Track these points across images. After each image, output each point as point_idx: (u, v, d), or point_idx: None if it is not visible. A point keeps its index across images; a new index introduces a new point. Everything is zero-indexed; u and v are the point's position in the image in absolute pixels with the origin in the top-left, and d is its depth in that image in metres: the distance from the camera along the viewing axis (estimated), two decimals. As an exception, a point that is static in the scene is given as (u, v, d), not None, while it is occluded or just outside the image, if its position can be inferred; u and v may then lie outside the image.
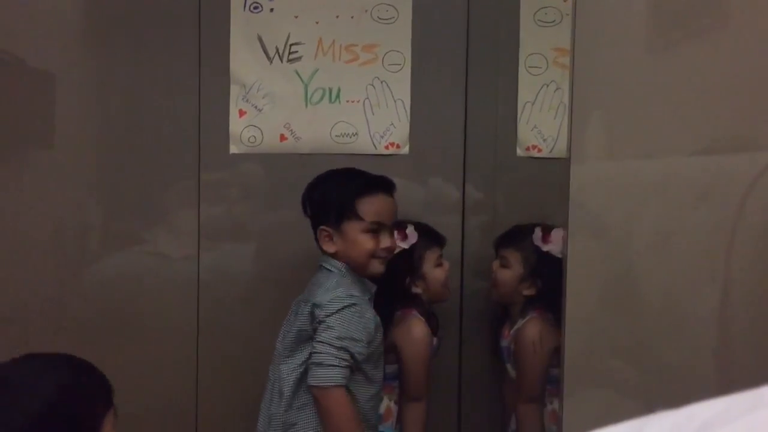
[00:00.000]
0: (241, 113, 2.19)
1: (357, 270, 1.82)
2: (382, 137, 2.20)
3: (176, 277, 2.20)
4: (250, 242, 2.25)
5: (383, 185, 1.85)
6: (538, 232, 2.03)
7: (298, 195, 2.18)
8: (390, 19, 2.19)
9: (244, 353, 2.23)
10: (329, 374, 1.69)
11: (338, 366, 1.69)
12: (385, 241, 1.82)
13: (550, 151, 2.23)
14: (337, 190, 1.83)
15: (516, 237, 2.07)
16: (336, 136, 2.20)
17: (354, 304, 1.73)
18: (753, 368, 0.98)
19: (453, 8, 2.20)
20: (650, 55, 1.09)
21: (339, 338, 1.69)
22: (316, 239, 1.85)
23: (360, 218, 1.79)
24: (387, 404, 1.99)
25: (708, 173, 1.05)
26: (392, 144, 2.21)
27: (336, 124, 2.20)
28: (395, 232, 1.93)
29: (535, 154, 2.24)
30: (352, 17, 2.18)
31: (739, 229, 1.01)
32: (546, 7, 2.19)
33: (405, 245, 2.02)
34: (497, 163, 2.26)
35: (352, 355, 1.71)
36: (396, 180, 2.13)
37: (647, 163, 1.10)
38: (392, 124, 2.21)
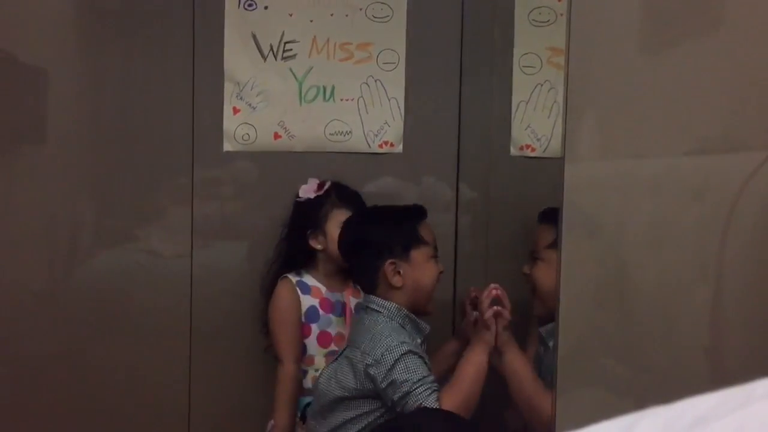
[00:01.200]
0: (235, 111, 2.18)
1: (418, 304, 1.78)
2: (376, 136, 2.21)
3: (169, 274, 2.20)
4: (243, 240, 2.24)
5: (426, 212, 1.86)
6: None
7: (292, 193, 2.18)
8: (384, 17, 2.19)
9: (237, 351, 2.22)
10: (427, 400, 1.63)
11: (424, 400, 1.63)
12: (440, 266, 1.83)
13: (544, 151, 2.23)
14: (395, 221, 1.82)
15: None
16: (330, 134, 2.20)
17: (408, 352, 1.67)
18: (745, 367, 0.99)
19: (447, 7, 2.20)
20: (644, 56, 1.09)
21: (412, 384, 1.64)
22: (371, 278, 1.79)
23: (426, 243, 1.79)
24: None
25: (701, 173, 1.05)
26: (386, 143, 2.22)
27: (330, 122, 2.20)
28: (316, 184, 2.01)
29: (528, 153, 2.25)
30: (346, 15, 2.18)
31: (731, 229, 1.02)
32: (540, 7, 2.20)
33: (312, 195, 2.05)
34: (491, 162, 2.26)
35: (431, 382, 1.66)
36: (389, 179, 2.14)
37: (641, 162, 1.10)
38: (386, 122, 2.21)
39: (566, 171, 1.08)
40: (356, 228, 1.87)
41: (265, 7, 2.17)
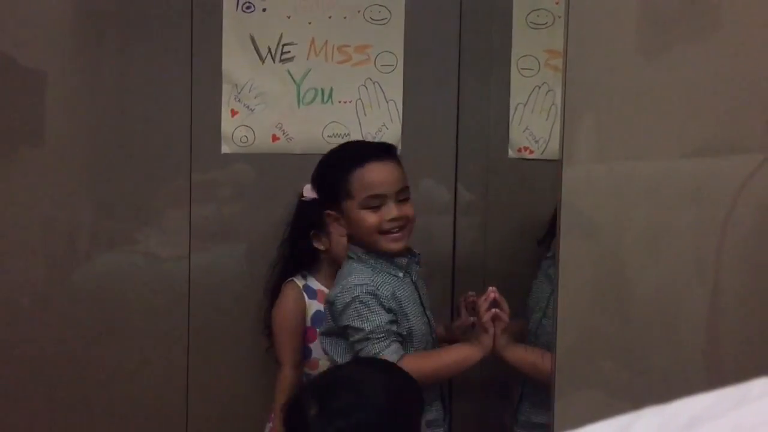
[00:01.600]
0: (233, 113, 2.18)
1: (372, 249, 1.70)
2: (374, 138, 2.21)
3: (167, 277, 2.20)
4: (241, 242, 2.24)
5: (375, 153, 1.73)
6: None
7: (290, 195, 2.18)
8: (383, 20, 2.19)
9: (235, 353, 2.22)
10: (386, 351, 1.61)
11: (382, 351, 1.61)
12: (389, 213, 1.68)
13: (542, 153, 2.23)
14: (330, 170, 1.74)
15: None
16: (328, 136, 2.20)
17: (357, 296, 1.63)
18: (742, 369, 0.99)
19: (445, 10, 2.21)
20: (642, 58, 1.10)
21: (371, 331, 1.61)
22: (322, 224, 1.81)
23: (352, 196, 1.68)
24: None
25: (698, 175, 1.05)
26: (384, 145, 2.22)
27: (328, 124, 2.20)
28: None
29: (526, 155, 2.25)
30: (344, 18, 2.18)
31: (728, 232, 1.02)
32: (538, 9, 2.20)
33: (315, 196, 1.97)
34: (489, 164, 2.26)
35: (389, 332, 1.63)
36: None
37: (638, 165, 1.10)
38: (384, 124, 2.21)
39: (564, 173, 1.09)
40: (315, 171, 1.81)
41: (264, 10, 2.17)
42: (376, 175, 1.69)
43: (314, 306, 2.04)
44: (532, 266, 2.17)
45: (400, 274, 1.72)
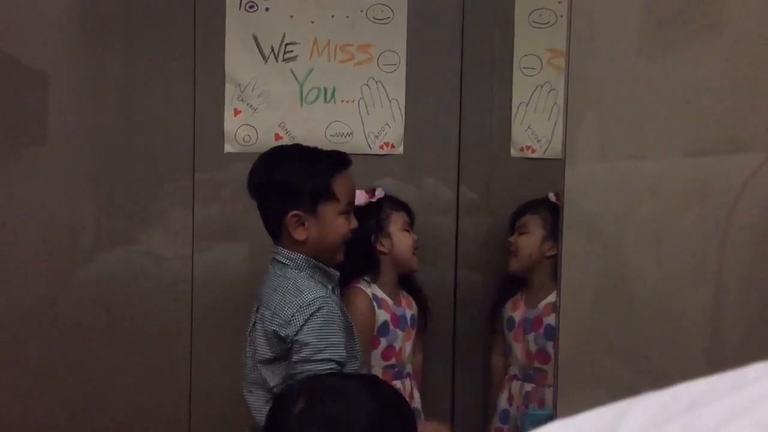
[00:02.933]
0: (236, 112, 2.19)
1: (323, 258, 1.66)
2: (376, 137, 2.21)
3: (170, 276, 2.20)
4: (244, 242, 2.25)
5: (348, 162, 1.71)
6: (551, 195, 2.05)
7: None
8: (385, 19, 2.19)
9: (239, 353, 2.23)
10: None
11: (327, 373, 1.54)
12: (353, 222, 1.70)
13: (544, 152, 2.23)
14: (308, 170, 1.66)
15: (531, 204, 2.11)
16: (331, 135, 2.20)
17: (320, 309, 1.57)
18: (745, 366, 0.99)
19: (448, 9, 2.21)
20: (644, 57, 1.10)
21: (318, 351, 1.55)
22: (276, 225, 1.67)
23: (336, 198, 1.65)
24: None
25: (700, 174, 1.06)
26: (387, 144, 2.22)
27: (331, 123, 2.20)
28: (365, 192, 1.93)
29: (529, 154, 2.25)
30: (347, 17, 2.19)
31: (730, 230, 1.02)
32: (541, 9, 2.20)
33: (373, 199, 2.02)
34: (491, 163, 2.26)
35: (336, 362, 1.57)
36: (390, 180, 2.14)
37: (641, 164, 1.10)
38: (387, 124, 2.21)
39: (566, 172, 1.09)
40: (267, 165, 1.70)
41: (266, 9, 2.18)
42: (352, 184, 1.71)
43: (382, 316, 2.02)
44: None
45: (330, 287, 1.68)
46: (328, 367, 1.56)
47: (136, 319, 2.19)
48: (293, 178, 1.65)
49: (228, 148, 2.19)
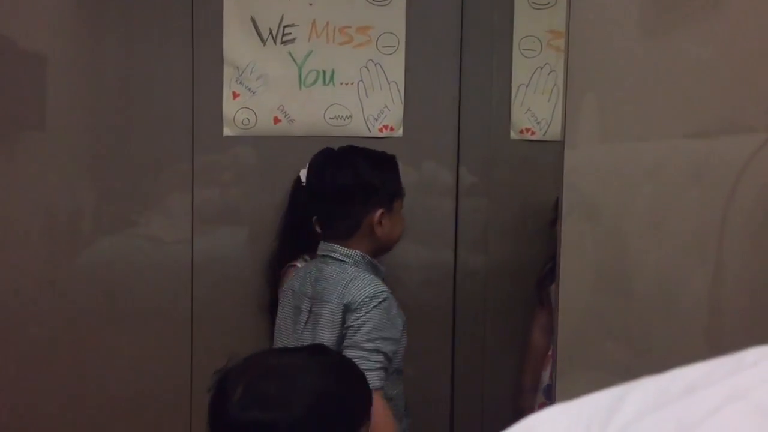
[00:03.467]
0: (235, 95, 2.18)
1: (381, 252, 1.76)
2: (376, 120, 2.20)
3: (170, 260, 2.20)
4: (244, 225, 2.25)
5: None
6: None
7: (292, 177, 2.18)
8: (384, 1, 2.18)
9: (239, 337, 2.23)
10: (370, 381, 1.51)
11: (372, 370, 1.55)
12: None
13: (544, 134, 2.23)
14: (382, 168, 1.75)
15: None
16: (330, 118, 2.20)
17: (384, 300, 1.62)
18: (743, 348, 0.99)
19: (447, -10, 2.19)
20: (644, 39, 1.09)
21: (370, 339, 1.58)
22: (349, 226, 1.71)
23: (401, 195, 1.77)
24: None
25: (700, 156, 1.05)
26: (386, 126, 2.21)
27: (330, 106, 2.19)
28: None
29: (528, 137, 2.24)
30: (346, -1, 2.17)
31: (730, 211, 1.02)
32: (540, -10, 2.19)
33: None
34: (491, 146, 2.26)
35: (385, 355, 1.60)
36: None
37: (641, 145, 1.10)
38: (386, 106, 2.21)
39: (566, 154, 1.09)
40: (347, 169, 1.73)
41: (264, -9, 2.16)
42: None
43: None
44: (535, 247, 2.17)
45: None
46: (377, 358, 1.58)
47: (137, 303, 2.19)
48: (380, 178, 1.73)
49: (227, 131, 2.19)
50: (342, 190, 1.72)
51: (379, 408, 1.46)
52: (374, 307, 1.61)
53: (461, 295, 2.26)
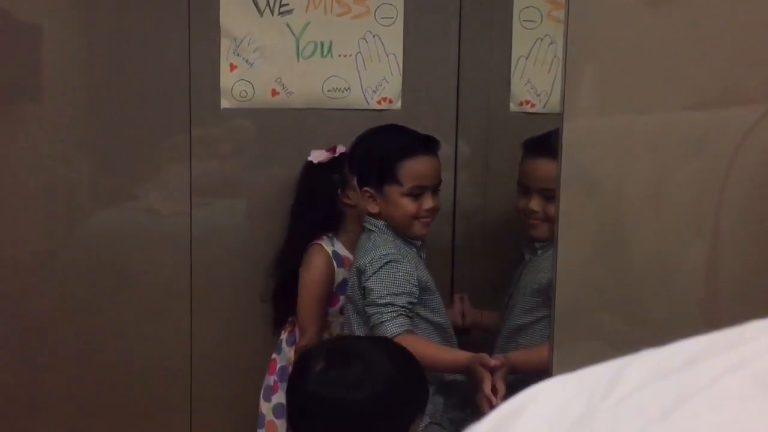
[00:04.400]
0: (232, 67, 2.16)
1: (399, 231, 1.85)
2: (374, 92, 2.19)
3: (168, 232, 2.20)
4: (242, 198, 2.25)
5: (425, 146, 1.86)
6: None
7: (290, 150, 2.18)
8: (382, -29, 2.16)
9: (238, 309, 2.24)
10: (386, 330, 1.71)
11: (388, 321, 1.71)
12: (427, 203, 1.84)
13: (544, 107, 2.22)
14: (378, 152, 1.85)
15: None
16: (328, 90, 2.19)
17: (388, 262, 1.76)
18: (739, 320, 1.00)
19: (446, -40, 2.17)
20: (644, 9, 1.08)
21: (380, 297, 1.73)
22: (357, 197, 1.90)
23: (400, 183, 1.82)
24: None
25: (700, 127, 1.05)
26: (384, 99, 2.20)
27: (328, 78, 2.18)
28: (325, 151, 2.06)
29: (528, 109, 2.24)
30: (343, -31, 2.15)
31: (729, 184, 1.02)
32: (541, -40, 2.16)
33: (335, 154, 2.06)
34: (490, 118, 2.25)
35: (400, 306, 1.73)
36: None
37: (640, 117, 1.10)
38: (384, 78, 2.19)
39: (565, 126, 1.08)
40: (355, 144, 1.92)
41: (261, -39, 2.14)
42: (424, 167, 1.83)
43: (342, 273, 2.03)
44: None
45: (414, 250, 1.86)
46: (389, 310, 1.72)
47: (135, 275, 2.20)
48: (367, 158, 1.86)
49: (224, 103, 2.17)
50: (348, 161, 1.95)
51: (407, 345, 1.55)
52: (379, 268, 1.75)
53: (459, 268, 2.27)
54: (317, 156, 2.07)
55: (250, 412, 2.17)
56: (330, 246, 2.04)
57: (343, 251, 2.05)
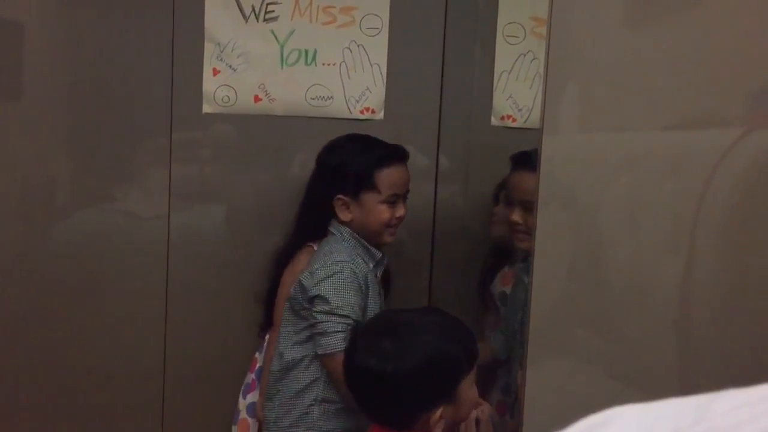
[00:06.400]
0: (215, 72, 2.16)
1: (368, 238, 1.86)
2: (357, 102, 2.19)
3: (146, 236, 2.19)
4: (221, 203, 2.24)
5: (399, 155, 1.89)
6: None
7: (271, 156, 2.17)
8: (369, -19, 2.16)
9: (213, 314, 2.23)
10: (333, 342, 1.73)
11: (341, 332, 1.73)
12: (399, 210, 1.88)
13: (525, 122, 2.23)
14: (355, 159, 1.86)
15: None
16: (311, 99, 2.18)
17: (342, 271, 1.76)
18: (712, 339, 1.01)
19: (433, -27, 2.18)
20: (626, 29, 1.09)
21: (339, 307, 1.74)
22: (323, 204, 1.87)
23: (378, 190, 1.84)
24: None
25: (678, 148, 1.06)
26: (367, 109, 2.21)
27: (311, 86, 2.18)
28: None
29: (509, 123, 2.25)
30: (330, -22, 2.15)
31: (704, 205, 1.03)
32: (525, -24, 2.18)
33: None
34: (471, 131, 2.26)
35: (354, 320, 1.75)
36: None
37: (618, 136, 1.11)
38: (368, 88, 2.20)
39: (544, 142, 1.09)
40: (326, 152, 1.92)
41: (248, -33, 2.14)
42: (399, 176, 1.88)
43: None
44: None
45: (371, 265, 1.85)
46: (345, 322, 1.75)
47: (111, 278, 2.18)
48: (343, 166, 1.86)
49: (206, 108, 2.17)
50: (317, 168, 1.93)
51: (335, 368, 1.67)
52: (332, 274, 1.75)
53: (437, 282, 2.27)
54: None
55: (223, 417, 2.15)
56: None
57: None
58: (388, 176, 1.85)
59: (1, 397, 2.15)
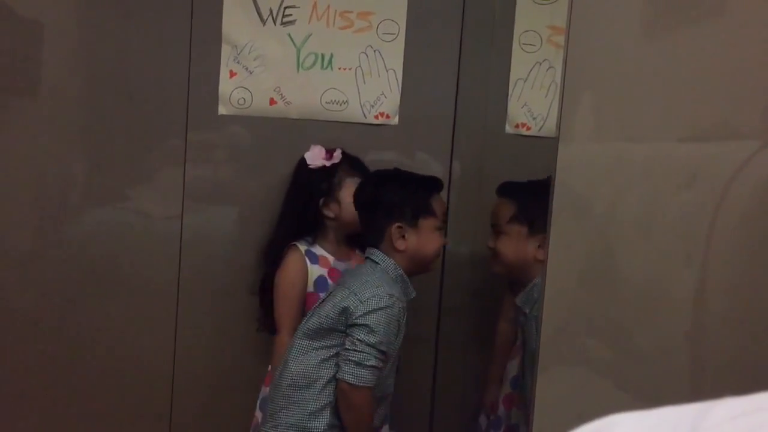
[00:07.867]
0: (232, 74, 2.17)
1: (417, 267, 1.86)
2: (372, 107, 2.20)
3: (159, 236, 2.20)
4: (234, 205, 2.24)
5: (441, 185, 1.92)
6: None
7: (285, 159, 2.18)
8: (386, -13, 2.17)
9: (224, 315, 2.23)
10: (368, 376, 1.73)
11: (377, 368, 1.73)
12: (444, 239, 1.91)
13: (539, 130, 2.23)
14: (411, 188, 1.88)
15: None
16: (326, 102, 2.19)
17: (391, 306, 1.75)
18: (724, 353, 1.00)
19: (450, -20, 2.19)
20: (644, 40, 1.09)
21: (381, 342, 1.73)
22: (376, 237, 1.85)
23: (434, 214, 1.86)
24: None
25: (693, 160, 1.06)
26: (382, 114, 2.21)
27: (327, 90, 2.19)
28: (325, 150, 2.05)
29: (523, 131, 2.25)
30: (348, -17, 2.16)
31: (719, 218, 1.02)
32: (543, -15, 2.18)
33: (327, 163, 2.06)
34: (485, 139, 2.26)
35: (388, 355, 1.76)
36: (383, 151, 2.13)
37: (634, 146, 1.10)
38: (383, 93, 2.20)
39: (559, 151, 1.09)
40: (374, 186, 1.91)
41: (266, -29, 2.15)
42: (444, 206, 1.93)
43: (316, 271, 2.05)
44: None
45: (405, 300, 1.83)
46: (383, 359, 1.74)
47: (123, 277, 2.19)
48: (400, 195, 1.86)
49: (222, 110, 2.18)
50: (365, 204, 1.91)
51: (367, 401, 1.65)
52: (383, 307, 1.74)
53: (448, 288, 2.27)
54: (313, 158, 2.07)
55: (232, 418, 2.15)
56: (305, 246, 2.06)
57: (320, 251, 2.07)
58: (440, 203, 1.89)
59: (11, 395, 2.16)
